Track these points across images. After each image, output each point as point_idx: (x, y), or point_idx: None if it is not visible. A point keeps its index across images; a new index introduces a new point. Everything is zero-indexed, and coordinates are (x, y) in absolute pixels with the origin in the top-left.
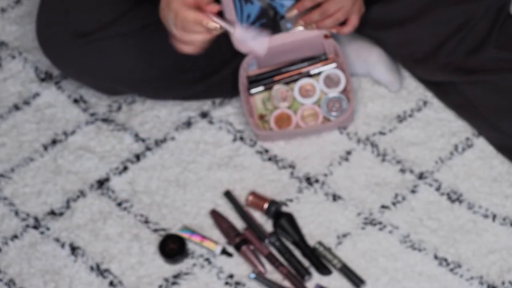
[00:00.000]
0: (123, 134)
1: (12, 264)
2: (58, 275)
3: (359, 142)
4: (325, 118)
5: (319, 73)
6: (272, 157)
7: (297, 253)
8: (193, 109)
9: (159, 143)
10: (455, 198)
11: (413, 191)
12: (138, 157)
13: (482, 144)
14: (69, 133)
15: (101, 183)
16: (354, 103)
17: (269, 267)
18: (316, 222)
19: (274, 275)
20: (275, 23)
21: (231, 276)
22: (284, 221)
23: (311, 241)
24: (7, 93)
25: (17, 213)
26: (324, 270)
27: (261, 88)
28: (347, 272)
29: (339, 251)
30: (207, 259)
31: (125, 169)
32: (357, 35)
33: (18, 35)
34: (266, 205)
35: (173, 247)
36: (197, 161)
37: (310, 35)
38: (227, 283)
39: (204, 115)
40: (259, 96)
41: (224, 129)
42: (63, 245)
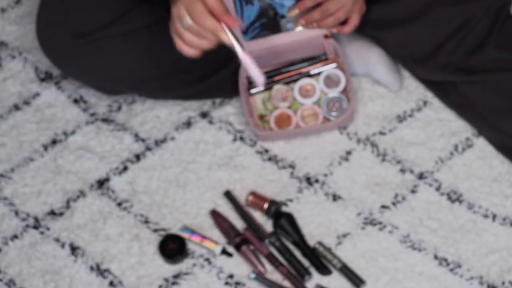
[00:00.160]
0: (123, 134)
1: (12, 264)
2: (58, 275)
3: (359, 142)
4: (325, 118)
5: (319, 73)
6: (272, 157)
7: (297, 253)
8: (193, 109)
9: (159, 143)
10: (455, 198)
11: (413, 191)
12: (138, 157)
13: (482, 144)
14: (69, 133)
15: (101, 183)
16: (354, 103)
17: (269, 267)
18: (316, 222)
19: (274, 275)
20: (275, 23)
21: (231, 276)
22: (284, 221)
23: (311, 241)
24: (7, 93)
25: (17, 213)
26: (324, 270)
27: (261, 88)
28: (347, 272)
29: (339, 251)
30: (207, 259)
31: (125, 169)
32: (357, 35)
33: (18, 35)
34: (266, 205)
35: (173, 247)
36: (197, 161)
37: (310, 35)
38: (227, 283)
39: (204, 115)
40: (259, 96)
41: (224, 129)
42: (63, 245)
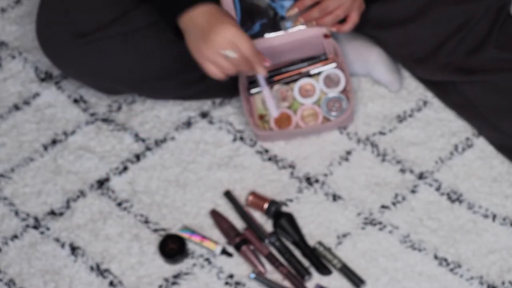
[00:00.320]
0: (123, 134)
1: (12, 264)
2: (58, 275)
3: (359, 142)
4: (325, 118)
5: (319, 73)
6: (272, 157)
7: (297, 253)
8: (193, 109)
9: (159, 143)
10: (455, 198)
11: (413, 191)
12: (138, 157)
13: (482, 144)
14: (69, 133)
15: (101, 183)
16: (353, 103)
17: (269, 267)
18: (316, 222)
19: (274, 275)
20: (275, 23)
21: (231, 276)
22: (284, 221)
23: (311, 241)
24: (7, 93)
25: (17, 213)
26: (324, 270)
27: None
28: (347, 272)
29: (339, 251)
30: (207, 259)
31: (125, 169)
32: (357, 34)
33: (18, 35)
34: (266, 205)
35: (173, 247)
36: (197, 161)
37: (310, 35)
38: (227, 283)
39: (204, 115)
40: (259, 96)
41: (224, 129)
42: (63, 245)
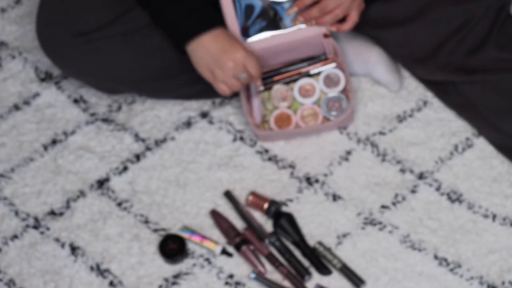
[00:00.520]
0: (123, 134)
1: (12, 264)
2: (58, 275)
3: (359, 142)
4: (325, 118)
5: (318, 73)
6: (272, 157)
7: (297, 253)
8: (193, 109)
9: (159, 143)
10: (455, 198)
11: (413, 191)
12: (138, 157)
13: (482, 144)
14: (69, 133)
15: (101, 183)
16: (353, 103)
17: (269, 267)
18: (316, 222)
19: (274, 275)
20: (275, 23)
21: (231, 276)
22: (284, 221)
23: (311, 241)
24: (7, 93)
25: (17, 213)
26: (324, 270)
27: (261, 88)
28: (347, 272)
29: (339, 251)
30: (207, 259)
31: (125, 169)
32: (357, 34)
33: (18, 35)
34: (266, 205)
35: (173, 247)
36: (197, 161)
37: (309, 35)
38: (227, 283)
39: (204, 115)
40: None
41: (224, 129)
42: (63, 245)
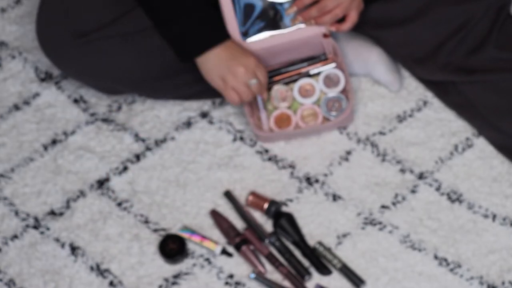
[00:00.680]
0: (123, 134)
1: (12, 264)
2: (58, 275)
3: (359, 142)
4: (324, 118)
5: (318, 73)
6: (272, 157)
7: (297, 253)
8: (193, 109)
9: (159, 143)
10: (455, 198)
11: (413, 191)
12: (138, 157)
13: (482, 144)
14: (69, 133)
15: (101, 183)
16: (353, 103)
17: (269, 267)
18: (316, 222)
19: (274, 275)
20: (274, 23)
21: (231, 276)
22: (284, 221)
23: (311, 241)
24: (7, 93)
25: (17, 213)
26: (324, 270)
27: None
28: (347, 272)
29: (339, 251)
30: (207, 259)
31: (125, 169)
32: (357, 34)
33: (18, 35)
34: (266, 205)
35: (173, 247)
36: (197, 161)
37: (309, 35)
38: (227, 283)
39: (204, 115)
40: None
41: (224, 129)
42: (63, 245)
